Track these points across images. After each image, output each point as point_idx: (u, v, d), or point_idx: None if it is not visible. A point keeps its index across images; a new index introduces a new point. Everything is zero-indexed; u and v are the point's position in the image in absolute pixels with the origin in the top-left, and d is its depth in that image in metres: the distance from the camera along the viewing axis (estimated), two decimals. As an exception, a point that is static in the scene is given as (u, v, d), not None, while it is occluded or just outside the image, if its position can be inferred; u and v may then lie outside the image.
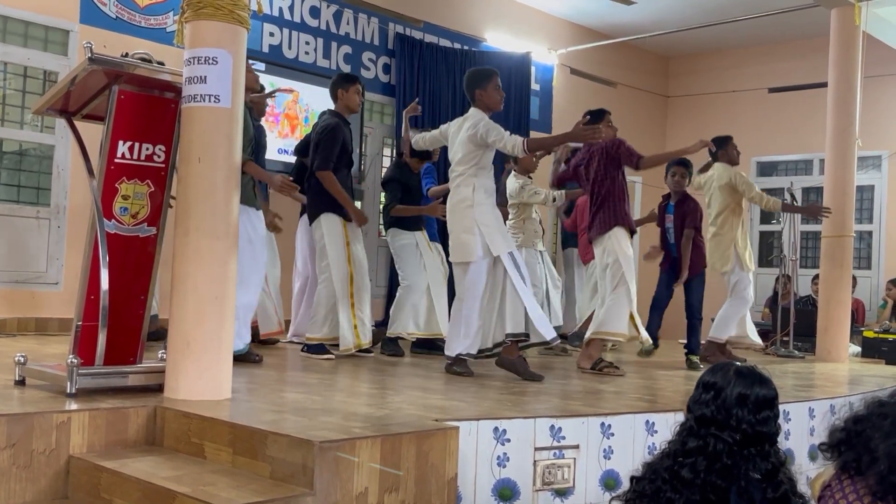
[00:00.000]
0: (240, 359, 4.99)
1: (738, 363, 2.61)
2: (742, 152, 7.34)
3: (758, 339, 7.36)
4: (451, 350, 5.20)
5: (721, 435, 2.44)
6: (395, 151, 8.89)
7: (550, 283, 7.19)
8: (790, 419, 4.48)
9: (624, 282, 5.67)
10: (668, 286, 6.68)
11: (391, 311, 6.50)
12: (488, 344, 5.19)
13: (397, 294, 6.50)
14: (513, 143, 5.10)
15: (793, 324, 8.27)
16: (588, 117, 5.82)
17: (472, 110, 5.27)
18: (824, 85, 8.15)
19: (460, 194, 5.19)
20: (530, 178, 7.05)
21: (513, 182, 6.96)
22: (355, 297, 5.87)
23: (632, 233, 5.85)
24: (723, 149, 7.01)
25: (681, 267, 6.52)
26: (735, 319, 7.02)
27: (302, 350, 6.03)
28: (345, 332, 5.84)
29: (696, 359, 6.48)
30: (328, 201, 5.87)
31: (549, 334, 5.08)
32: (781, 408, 4.27)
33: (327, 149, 5.83)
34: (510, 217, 6.98)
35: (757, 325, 10.59)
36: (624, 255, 5.70)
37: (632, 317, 5.71)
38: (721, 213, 6.95)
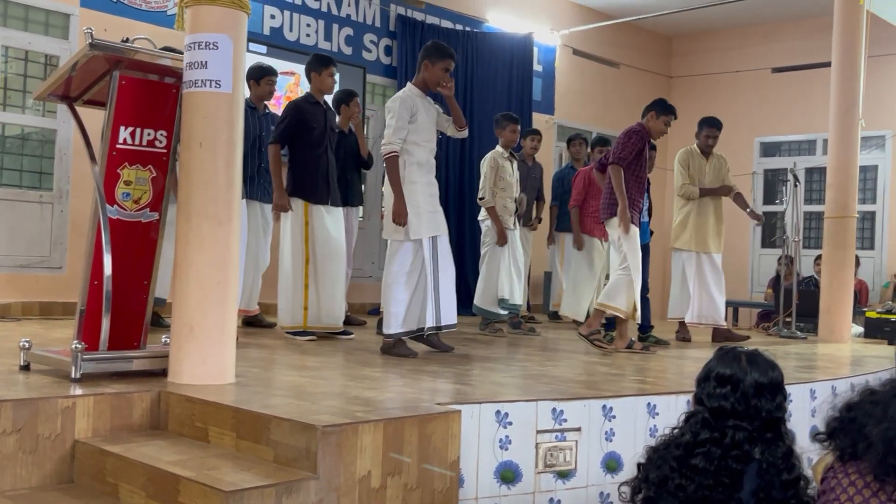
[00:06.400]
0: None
1: (741, 349, 2.60)
2: (745, 132, 7.35)
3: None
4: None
5: (741, 424, 2.46)
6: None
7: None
8: (791, 400, 4.44)
9: None
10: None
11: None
12: (413, 326, 5.21)
13: None
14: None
15: (795, 304, 8.27)
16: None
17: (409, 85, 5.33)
18: (828, 65, 8.10)
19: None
20: (511, 156, 7.24)
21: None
22: (310, 279, 5.89)
23: None
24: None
25: None
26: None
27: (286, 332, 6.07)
28: (284, 308, 5.93)
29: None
30: (289, 182, 5.98)
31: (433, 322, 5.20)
32: (783, 390, 4.30)
33: (277, 125, 6.08)
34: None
35: (760, 305, 10.68)
36: None
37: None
38: None
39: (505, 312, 7.07)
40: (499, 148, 7.23)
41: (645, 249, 6.59)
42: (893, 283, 10.24)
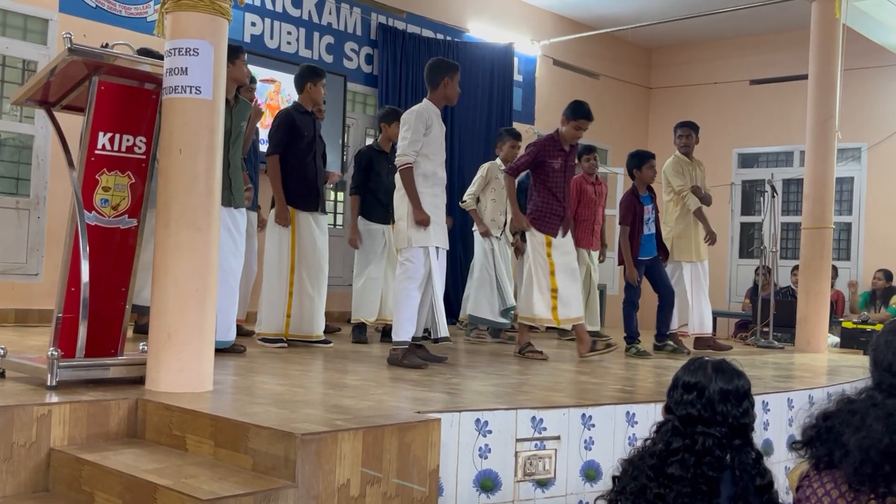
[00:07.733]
0: (224, 350, 5.01)
1: (709, 358, 2.64)
2: (723, 144, 7.43)
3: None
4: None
5: (709, 431, 2.50)
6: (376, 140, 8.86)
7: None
8: (769, 410, 4.52)
9: None
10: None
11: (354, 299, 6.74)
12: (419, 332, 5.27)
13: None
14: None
15: (773, 314, 8.33)
16: None
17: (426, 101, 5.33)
18: (805, 77, 8.19)
19: None
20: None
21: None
22: (294, 286, 5.88)
23: None
24: None
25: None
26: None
27: (259, 339, 6.03)
28: (267, 315, 5.87)
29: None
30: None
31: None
32: (761, 399, 4.35)
33: (272, 136, 6.03)
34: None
35: (737, 315, 10.74)
36: None
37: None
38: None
39: (506, 321, 7.18)
40: (497, 161, 7.28)
41: (651, 262, 6.66)
42: (861, 293, 10.35)
